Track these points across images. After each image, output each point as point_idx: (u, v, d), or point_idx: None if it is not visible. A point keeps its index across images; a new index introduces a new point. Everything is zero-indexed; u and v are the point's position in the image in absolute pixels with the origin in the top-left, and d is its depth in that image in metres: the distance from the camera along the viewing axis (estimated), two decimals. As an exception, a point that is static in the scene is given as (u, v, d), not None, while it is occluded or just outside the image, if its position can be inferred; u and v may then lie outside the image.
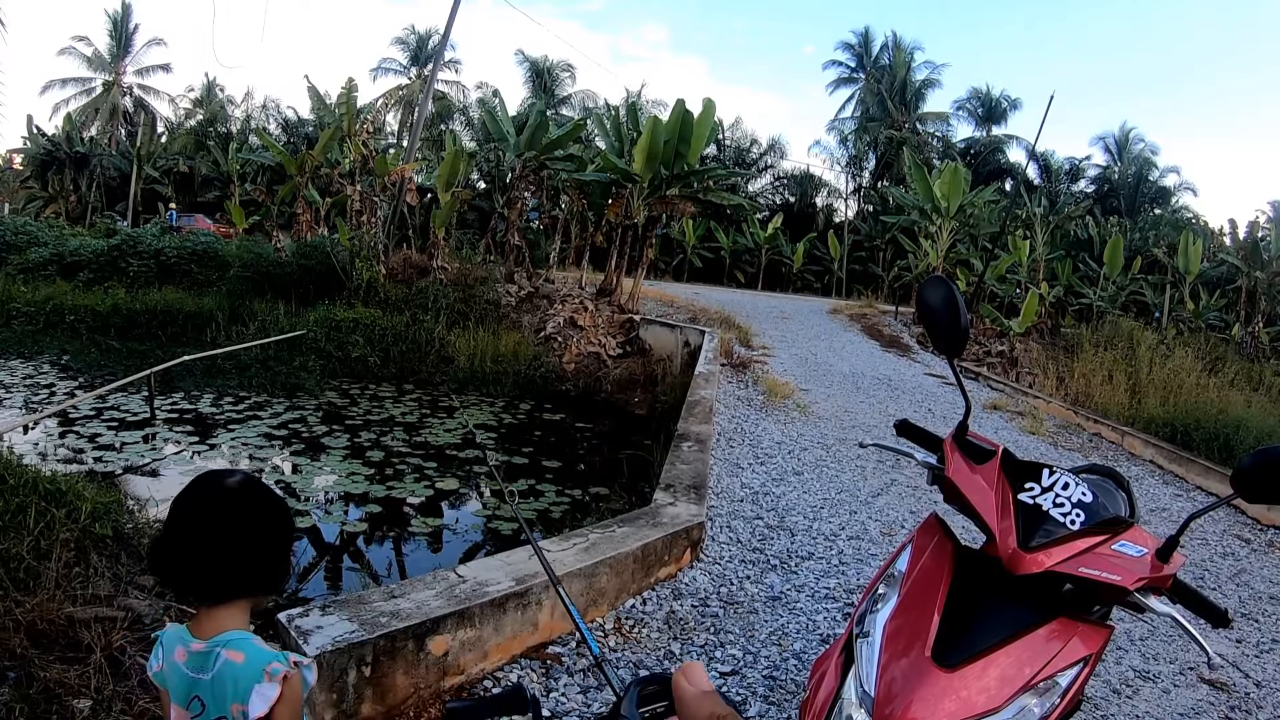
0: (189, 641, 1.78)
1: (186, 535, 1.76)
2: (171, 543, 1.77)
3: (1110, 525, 2.17)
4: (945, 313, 2.43)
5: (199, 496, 1.80)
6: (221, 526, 1.77)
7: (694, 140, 18.30)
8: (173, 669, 1.78)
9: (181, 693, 1.77)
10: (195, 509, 1.78)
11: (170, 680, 1.79)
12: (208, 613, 1.80)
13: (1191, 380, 16.48)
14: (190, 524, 1.77)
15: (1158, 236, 36.44)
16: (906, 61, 52.04)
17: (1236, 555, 7.76)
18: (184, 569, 1.77)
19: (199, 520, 1.77)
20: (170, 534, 1.78)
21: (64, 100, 49.49)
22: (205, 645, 1.76)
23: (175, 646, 1.79)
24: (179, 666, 1.77)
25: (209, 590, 1.79)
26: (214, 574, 1.77)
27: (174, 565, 1.78)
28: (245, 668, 1.73)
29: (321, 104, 29.56)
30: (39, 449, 9.52)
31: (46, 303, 19.98)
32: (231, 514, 1.79)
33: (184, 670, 1.76)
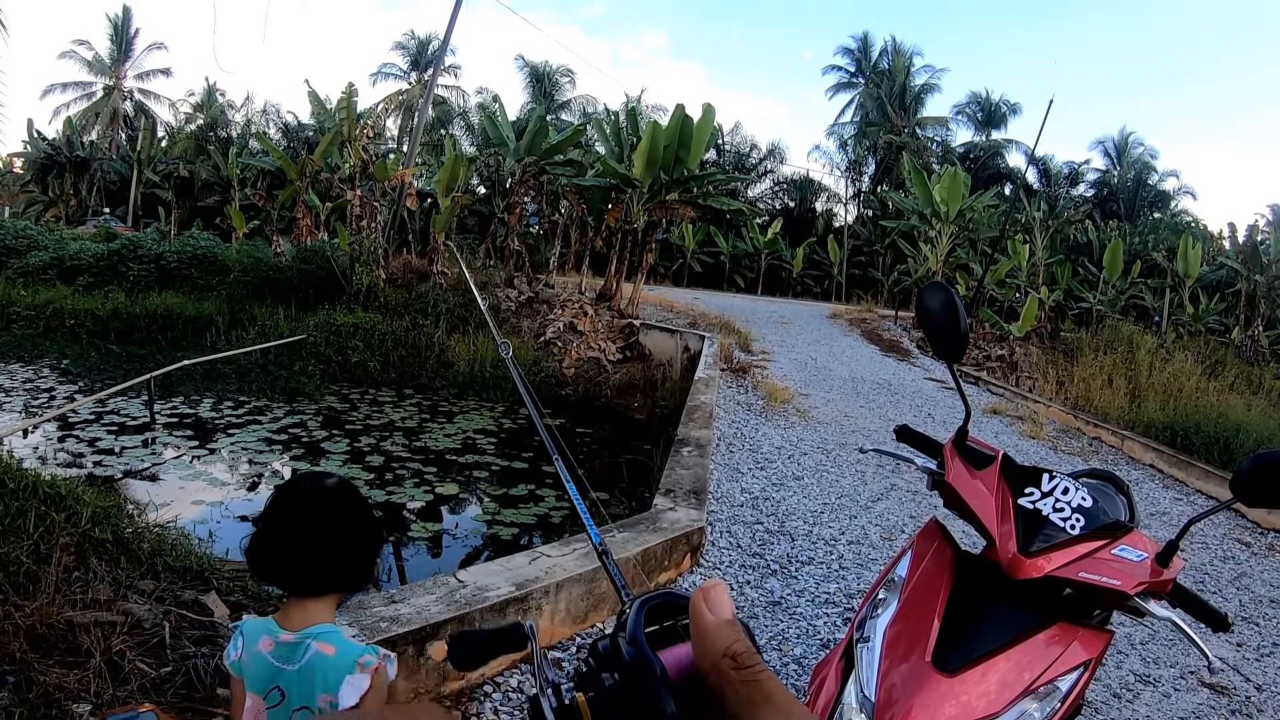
0: (277, 632, 1.90)
1: (288, 531, 1.91)
2: (271, 538, 1.91)
3: (1110, 530, 2.17)
4: (945, 318, 2.43)
5: (300, 496, 1.99)
6: (321, 524, 1.91)
7: (694, 145, 18.31)
8: (255, 658, 1.89)
9: (261, 682, 1.88)
10: (297, 507, 1.95)
11: (250, 669, 1.90)
12: (299, 605, 1.93)
13: (1191, 384, 16.48)
14: (292, 521, 1.92)
15: (1157, 240, 36.44)
16: (906, 66, 52.16)
17: (1237, 559, 7.76)
18: (282, 563, 1.92)
19: (300, 517, 1.92)
20: (270, 530, 1.92)
21: (64, 104, 49.64)
22: (295, 636, 1.88)
23: (260, 637, 1.90)
24: (263, 656, 1.88)
25: (304, 583, 1.94)
26: (311, 568, 1.91)
27: (272, 559, 1.92)
28: (336, 660, 1.87)
29: (322, 109, 29.61)
30: (39, 453, 9.52)
31: (46, 306, 19.99)
32: (329, 513, 1.94)
33: (269, 660, 1.88)
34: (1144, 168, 50.90)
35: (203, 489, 8.72)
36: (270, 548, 1.92)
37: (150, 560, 5.12)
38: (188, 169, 42.30)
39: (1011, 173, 50.49)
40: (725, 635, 0.64)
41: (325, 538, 1.91)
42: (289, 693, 1.87)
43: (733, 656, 0.63)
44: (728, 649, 0.63)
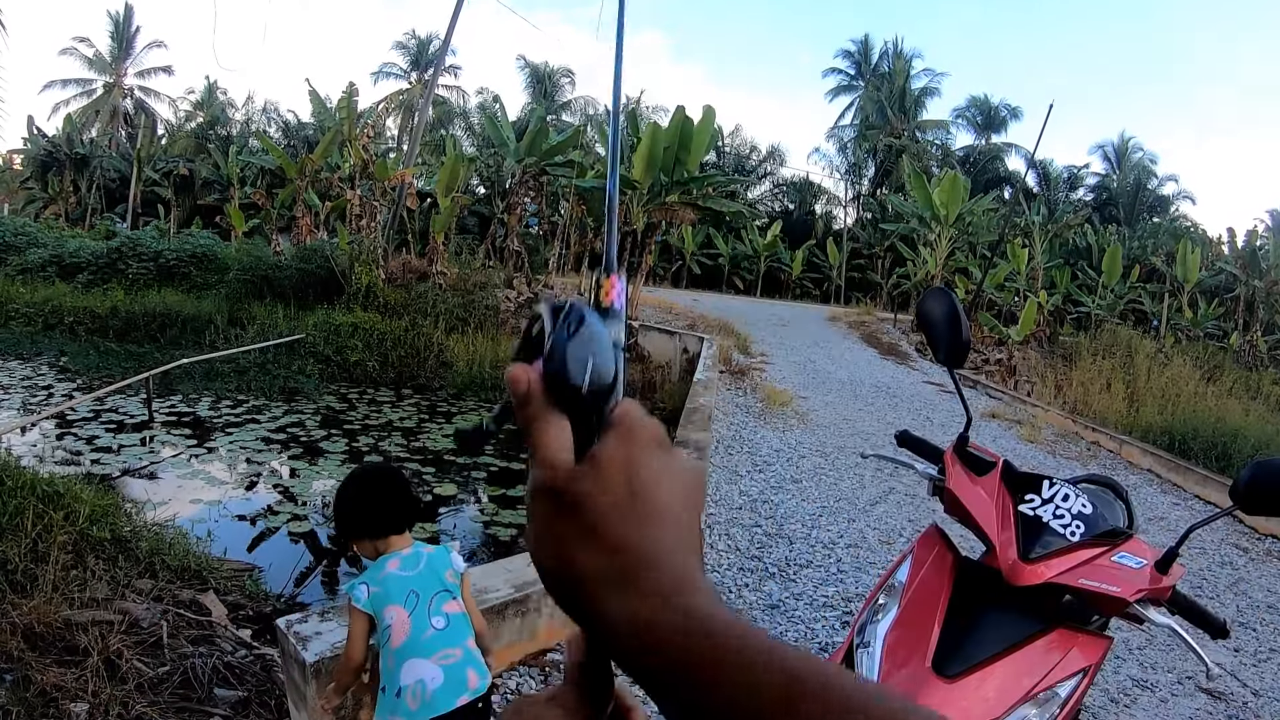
0: (393, 555, 2.74)
1: (378, 492, 2.82)
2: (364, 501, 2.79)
3: (1110, 537, 2.18)
4: (946, 324, 2.43)
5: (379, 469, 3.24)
6: (397, 483, 2.88)
7: (693, 147, 18.30)
8: (388, 579, 2.66)
9: (400, 593, 2.63)
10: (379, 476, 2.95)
11: (389, 590, 2.64)
12: (387, 543, 2.77)
13: (1190, 389, 16.49)
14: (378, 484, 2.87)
15: (1156, 245, 36.49)
16: (906, 69, 52.22)
17: (1234, 564, 7.76)
18: (377, 515, 2.79)
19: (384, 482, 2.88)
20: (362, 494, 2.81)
21: (64, 101, 49.56)
22: (409, 550, 2.78)
23: (385, 565, 2.70)
24: (394, 574, 2.68)
25: (395, 524, 2.81)
26: (397, 512, 2.82)
27: (367, 515, 2.79)
28: (438, 551, 2.83)
29: (322, 108, 29.59)
30: (37, 451, 9.52)
31: (45, 304, 20.01)
32: (399, 476, 2.94)
33: (399, 574, 2.68)
34: (1143, 172, 50.93)
35: (201, 488, 8.72)
36: (364, 507, 2.78)
37: (148, 559, 5.13)
38: (187, 167, 42.28)
39: (1011, 177, 50.48)
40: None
41: (401, 490, 2.85)
42: (421, 591, 2.65)
43: None
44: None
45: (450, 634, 2.62)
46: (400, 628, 2.56)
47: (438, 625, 2.60)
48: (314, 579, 6.78)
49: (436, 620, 2.61)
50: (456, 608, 2.70)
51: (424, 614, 2.60)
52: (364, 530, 2.78)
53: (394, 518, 2.80)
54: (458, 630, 2.65)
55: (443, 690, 2.54)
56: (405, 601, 2.60)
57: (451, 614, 2.66)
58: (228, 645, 4.38)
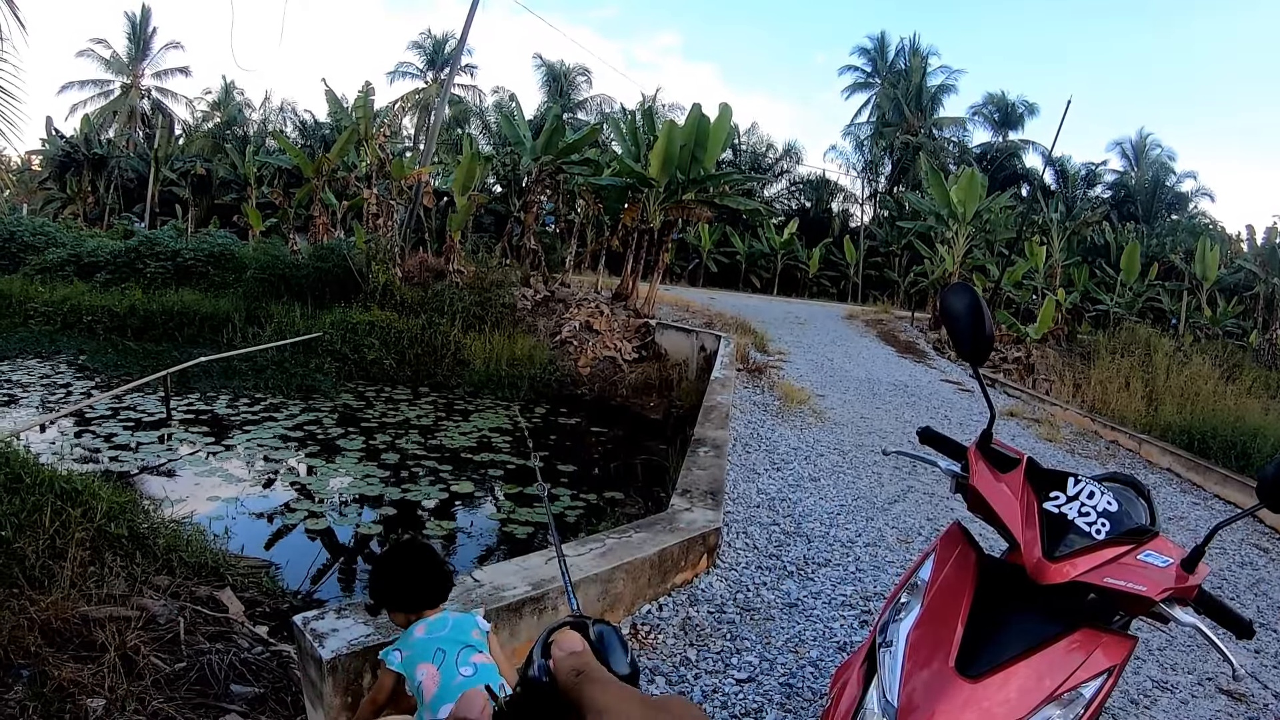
0: (421, 623, 2.91)
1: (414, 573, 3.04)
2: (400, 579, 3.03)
3: (1135, 535, 2.16)
4: (969, 320, 2.41)
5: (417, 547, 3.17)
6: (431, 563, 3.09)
7: (710, 145, 18.30)
8: (417, 642, 2.82)
9: (428, 652, 2.77)
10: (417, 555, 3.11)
11: (417, 651, 2.79)
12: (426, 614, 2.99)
13: (1209, 388, 16.39)
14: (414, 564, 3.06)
15: (1175, 242, 36.33)
16: (922, 67, 52.01)
17: (1255, 565, 7.71)
18: (411, 592, 3.02)
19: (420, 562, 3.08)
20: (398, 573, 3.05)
21: (82, 102, 49.85)
22: (436, 616, 2.96)
23: (414, 631, 2.88)
24: (421, 639, 2.83)
25: (427, 601, 3.03)
26: (429, 591, 3.05)
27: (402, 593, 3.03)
28: (465, 617, 2.97)
29: (338, 107, 29.64)
30: (55, 448, 9.56)
31: (64, 303, 20.10)
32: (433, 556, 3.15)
33: (425, 638, 2.83)
34: (1162, 169, 50.66)
35: (218, 485, 8.75)
36: (401, 585, 3.02)
37: (165, 556, 5.14)
38: (205, 167, 42.46)
39: (1029, 174, 50.24)
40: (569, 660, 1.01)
41: (436, 570, 3.07)
42: (447, 648, 2.77)
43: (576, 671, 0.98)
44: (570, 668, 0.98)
45: (478, 679, 2.71)
46: (431, 682, 2.70)
47: (465, 674, 2.72)
48: (331, 576, 6.79)
49: (465, 670, 2.73)
50: (484, 659, 2.82)
51: (452, 665, 2.73)
52: (399, 605, 3.04)
53: (427, 596, 3.03)
54: (485, 675, 2.75)
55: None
56: (433, 658, 2.75)
57: (480, 664, 2.78)
58: (244, 642, 4.38)
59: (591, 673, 0.93)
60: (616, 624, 4.38)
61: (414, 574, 3.03)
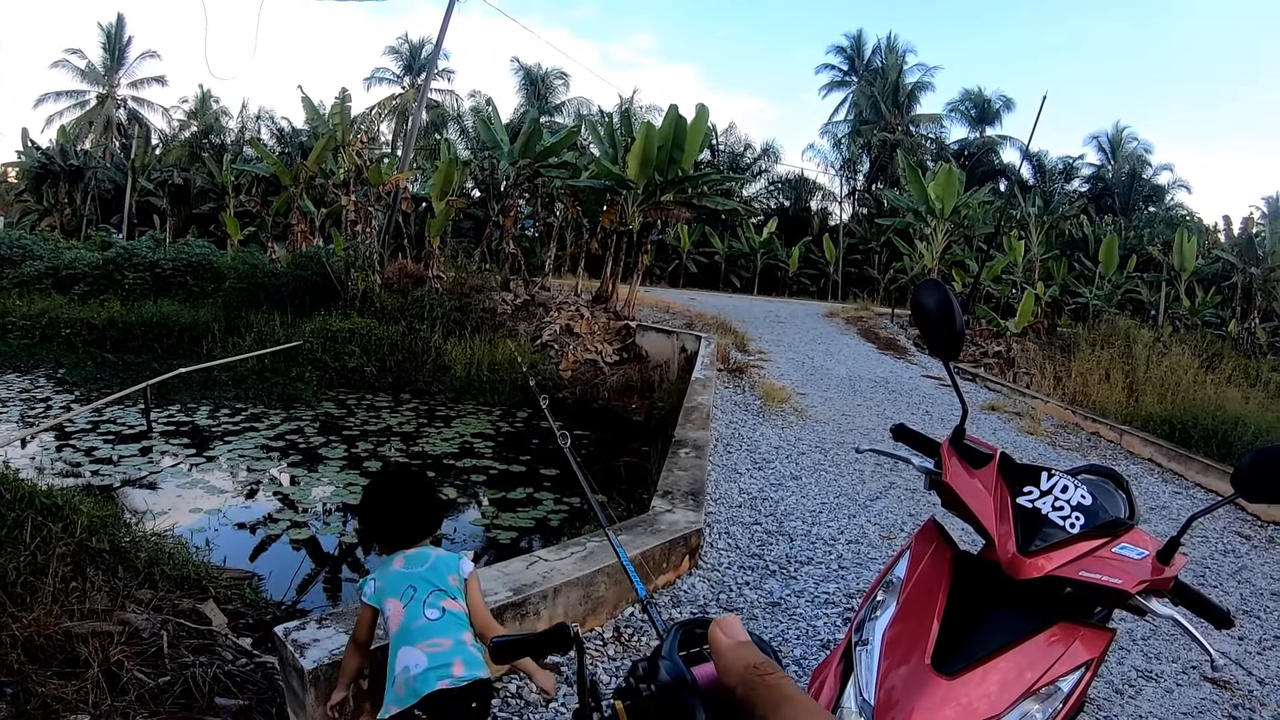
0: (401, 555, 2.88)
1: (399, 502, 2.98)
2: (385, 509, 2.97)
3: (1111, 528, 2.16)
4: (940, 316, 2.42)
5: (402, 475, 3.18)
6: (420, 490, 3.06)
7: (688, 146, 18.31)
8: (391, 574, 2.81)
9: (398, 587, 2.76)
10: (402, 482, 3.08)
11: (389, 584, 2.78)
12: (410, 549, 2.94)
13: (1189, 378, 16.47)
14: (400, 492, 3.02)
15: (1152, 234, 36.46)
16: (899, 64, 52.22)
17: (1237, 552, 7.76)
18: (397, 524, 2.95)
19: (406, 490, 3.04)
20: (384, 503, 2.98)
21: (58, 113, 49.67)
22: (415, 551, 2.90)
23: (392, 563, 2.86)
24: (398, 570, 2.82)
25: (412, 535, 2.95)
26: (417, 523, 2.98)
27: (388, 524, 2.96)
28: (448, 556, 2.92)
29: (315, 114, 29.53)
30: (36, 463, 9.50)
31: (42, 316, 20.01)
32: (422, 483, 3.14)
33: (402, 570, 2.82)
34: (1138, 162, 50.91)
35: (200, 497, 8.71)
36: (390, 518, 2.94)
37: (148, 569, 5.12)
38: (182, 176, 42.38)
39: (1006, 169, 50.53)
40: (745, 653, 0.79)
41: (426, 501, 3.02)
42: (419, 585, 2.76)
43: (755, 667, 0.77)
44: (748, 661, 0.78)
45: (442, 625, 2.70)
46: (395, 618, 2.71)
47: (430, 616, 2.70)
48: (315, 586, 6.77)
49: (430, 612, 2.71)
50: (456, 606, 2.78)
51: (418, 606, 2.71)
52: (388, 539, 2.97)
53: (417, 528, 2.97)
54: (451, 623, 2.73)
55: (423, 675, 2.59)
56: (401, 595, 2.74)
57: (448, 609, 2.75)
58: (228, 654, 4.37)
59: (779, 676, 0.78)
60: (601, 627, 4.40)
61: (403, 505, 2.97)
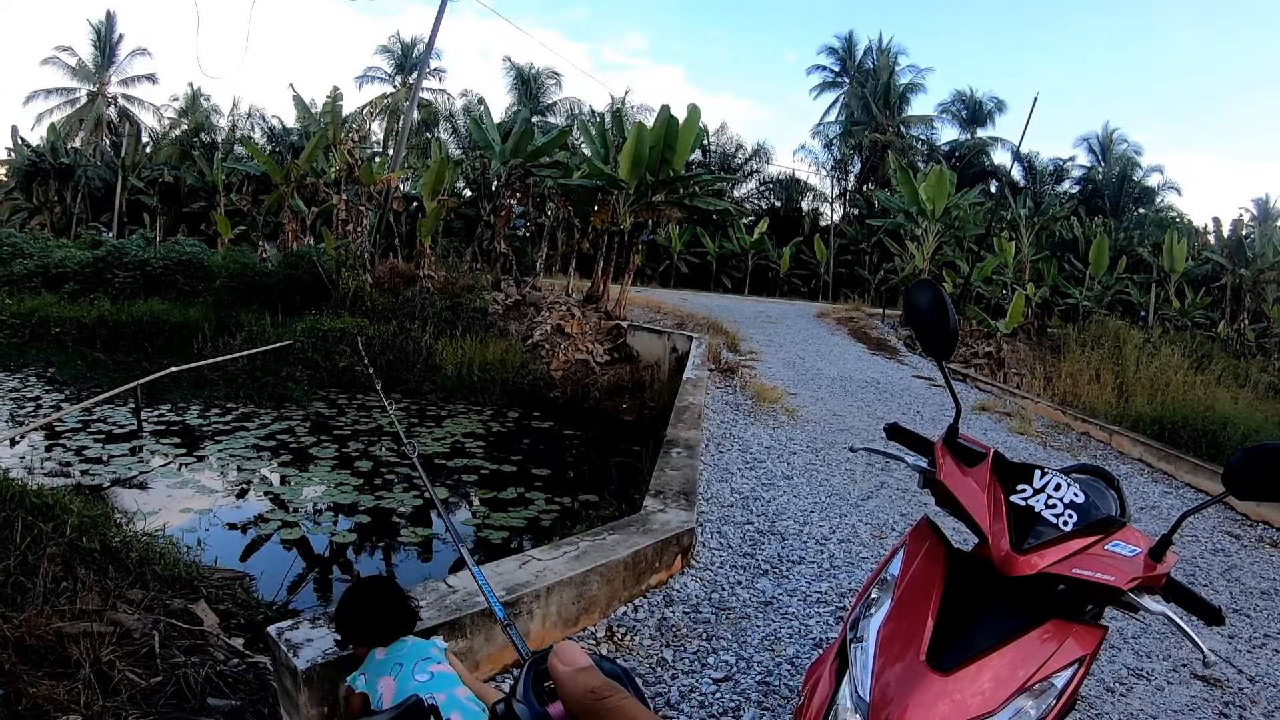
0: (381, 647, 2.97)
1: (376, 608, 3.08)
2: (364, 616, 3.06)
3: (1102, 525, 2.18)
4: (933, 315, 2.43)
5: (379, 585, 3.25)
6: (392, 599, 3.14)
7: (679, 146, 18.30)
8: (377, 664, 2.90)
9: (386, 667, 2.85)
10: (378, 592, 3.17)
11: (377, 670, 2.87)
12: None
13: (1179, 378, 16.55)
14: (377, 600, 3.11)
15: (1142, 236, 36.57)
16: (891, 65, 52.22)
17: (1227, 551, 7.79)
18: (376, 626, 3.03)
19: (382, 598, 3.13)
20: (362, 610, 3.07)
21: (48, 110, 49.36)
22: (394, 643, 2.97)
23: (374, 654, 2.95)
24: (381, 659, 2.91)
25: (390, 634, 3.01)
26: (393, 623, 3.05)
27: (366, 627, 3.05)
28: (423, 641, 3.01)
29: (307, 113, 29.49)
30: (25, 462, 9.48)
31: (31, 315, 19.95)
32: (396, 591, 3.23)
33: (385, 658, 2.90)
34: (1128, 164, 50.97)
35: (191, 497, 8.69)
36: (364, 619, 3.05)
37: (139, 569, 5.11)
38: (173, 175, 42.22)
39: (997, 170, 50.56)
40: (584, 678, 0.78)
41: (397, 605, 3.12)
42: (404, 661, 2.85)
43: (593, 691, 0.76)
44: (585, 687, 0.77)
45: (434, 685, 2.78)
46: (388, 692, 2.79)
47: (420, 679, 2.80)
48: (306, 585, 6.76)
49: (420, 676, 2.81)
50: (442, 669, 2.88)
51: (409, 673, 2.82)
52: (365, 639, 3.05)
53: (390, 629, 3.04)
54: (443, 682, 2.81)
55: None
56: (391, 671, 2.84)
57: (437, 671, 2.85)
58: (220, 654, 4.36)
59: (619, 697, 0.77)
60: (593, 626, 4.40)
61: (377, 609, 3.08)
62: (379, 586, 3.23)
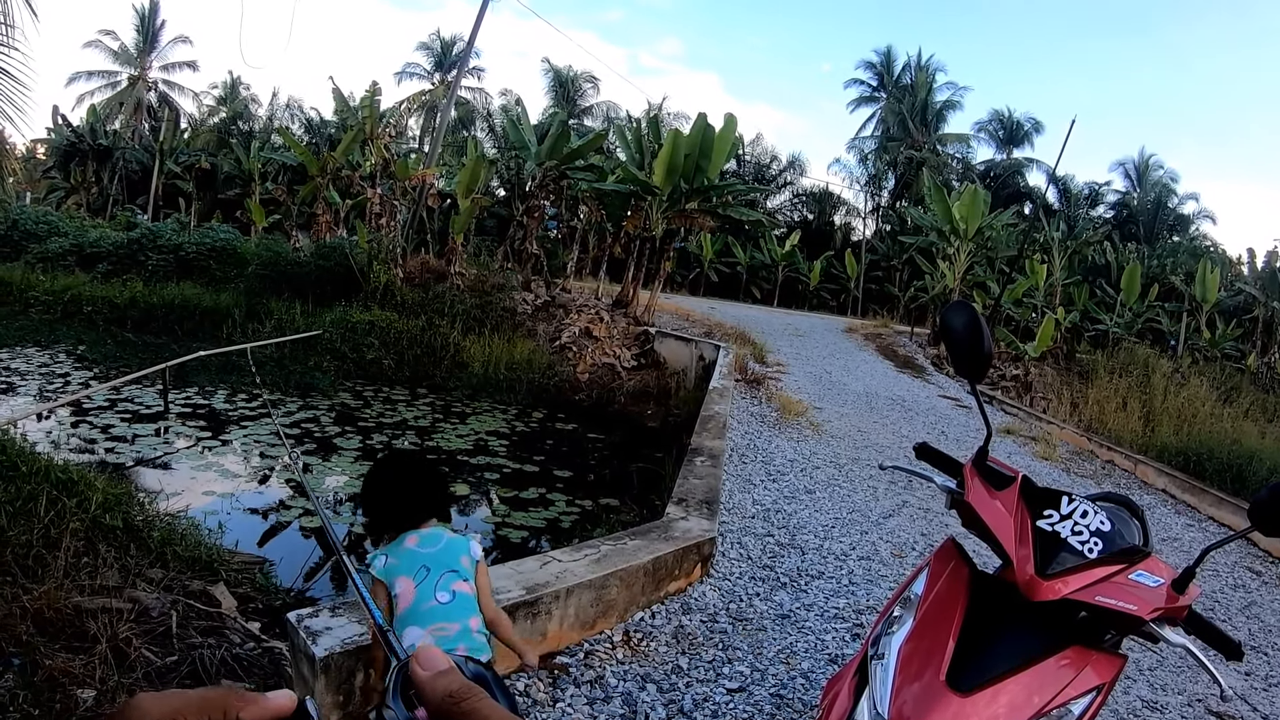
0: (415, 533, 2.82)
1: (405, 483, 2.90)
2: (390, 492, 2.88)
3: (1127, 554, 2.17)
4: (968, 337, 2.42)
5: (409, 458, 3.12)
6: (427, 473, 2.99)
7: (714, 155, 18.30)
8: (405, 553, 2.76)
9: (412, 567, 2.73)
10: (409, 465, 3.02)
11: (401, 563, 2.74)
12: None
13: (1206, 410, 16.42)
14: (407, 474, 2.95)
15: (1175, 264, 36.30)
16: (928, 82, 51.97)
17: (1248, 587, 7.73)
18: (403, 506, 2.87)
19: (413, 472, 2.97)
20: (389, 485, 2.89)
21: (89, 92, 49.89)
22: (429, 531, 2.85)
23: (405, 540, 2.80)
24: (412, 549, 2.77)
25: (419, 515, 2.88)
26: (424, 503, 2.90)
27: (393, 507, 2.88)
28: (460, 539, 2.89)
29: (345, 106, 29.62)
30: (52, 437, 9.56)
31: (64, 292, 20.14)
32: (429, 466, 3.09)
33: (415, 550, 2.77)
34: (1164, 190, 50.65)
35: (214, 480, 8.74)
36: (386, 498, 2.87)
37: (159, 549, 5.14)
38: (209, 161, 42.52)
39: (1031, 192, 50.33)
40: (443, 682, 0.79)
41: (433, 484, 2.96)
42: (432, 566, 2.73)
43: (450, 695, 0.78)
44: (444, 691, 0.78)
45: (451, 609, 2.69)
46: (406, 596, 2.68)
47: (441, 599, 2.69)
48: (324, 574, 6.79)
49: (441, 595, 2.69)
50: (466, 589, 2.76)
51: (430, 587, 2.69)
52: (392, 523, 2.88)
53: (420, 509, 2.88)
54: (461, 608, 2.71)
55: None
56: (415, 575, 2.71)
57: (459, 591, 2.73)
58: (237, 638, 4.38)
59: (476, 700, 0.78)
60: (610, 630, 4.40)
61: (404, 485, 2.89)
62: (409, 461, 3.05)
